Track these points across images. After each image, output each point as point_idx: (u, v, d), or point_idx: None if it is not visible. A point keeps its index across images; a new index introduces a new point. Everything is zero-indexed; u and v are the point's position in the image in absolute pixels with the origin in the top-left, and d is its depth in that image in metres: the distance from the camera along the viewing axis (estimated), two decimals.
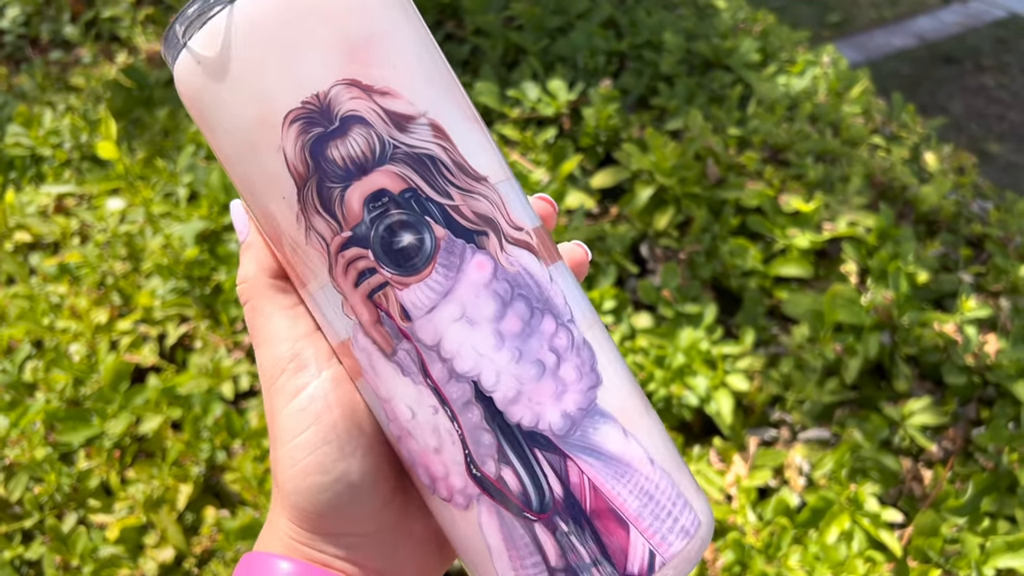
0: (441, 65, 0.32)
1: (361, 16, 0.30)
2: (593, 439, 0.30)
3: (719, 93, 1.43)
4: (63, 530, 0.90)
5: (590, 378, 0.31)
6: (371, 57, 0.30)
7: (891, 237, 1.12)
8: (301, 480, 0.31)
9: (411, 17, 0.32)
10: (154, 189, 1.22)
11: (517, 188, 0.32)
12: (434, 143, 0.30)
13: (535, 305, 0.30)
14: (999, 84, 3.07)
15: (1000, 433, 0.92)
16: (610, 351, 0.32)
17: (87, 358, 1.04)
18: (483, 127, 0.33)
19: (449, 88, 0.31)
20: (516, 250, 0.31)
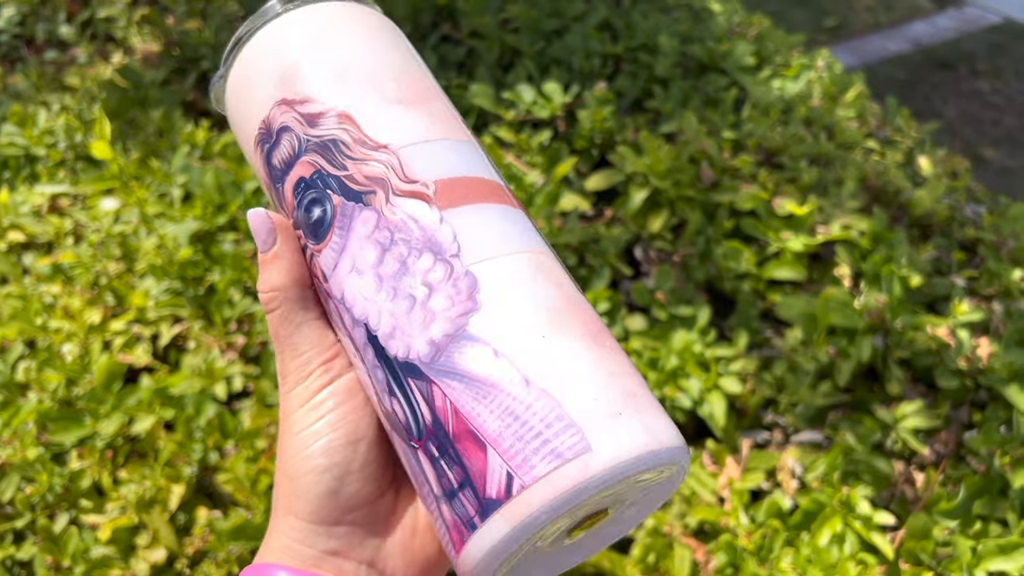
0: (372, 62, 0.37)
1: (289, 48, 0.37)
2: (458, 363, 0.31)
3: (714, 96, 1.43)
4: (55, 530, 0.90)
5: (464, 305, 0.31)
6: (297, 77, 0.36)
7: (884, 240, 1.12)
8: (306, 463, 0.32)
9: (343, 32, 0.38)
10: (148, 189, 1.22)
11: (447, 147, 0.35)
12: (338, 128, 0.35)
13: (414, 246, 0.33)
14: (994, 89, 3.07)
15: (992, 436, 0.93)
16: (515, 282, 0.32)
17: (80, 358, 1.04)
18: (413, 102, 0.36)
19: (372, 79, 0.37)
20: (402, 200, 0.33)
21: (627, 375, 0.32)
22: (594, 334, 0.32)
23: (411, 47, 0.41)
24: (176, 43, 1.64)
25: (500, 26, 1.57)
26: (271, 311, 0.34)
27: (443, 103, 0.38)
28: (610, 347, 0.32)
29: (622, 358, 0.33)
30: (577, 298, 0.33)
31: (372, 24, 0.39)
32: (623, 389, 0.31)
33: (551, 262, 0.34)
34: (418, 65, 0.40)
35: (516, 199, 0.37)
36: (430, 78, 0.40)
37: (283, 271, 0.34)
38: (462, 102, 1.36)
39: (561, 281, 0.34)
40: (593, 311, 0.34)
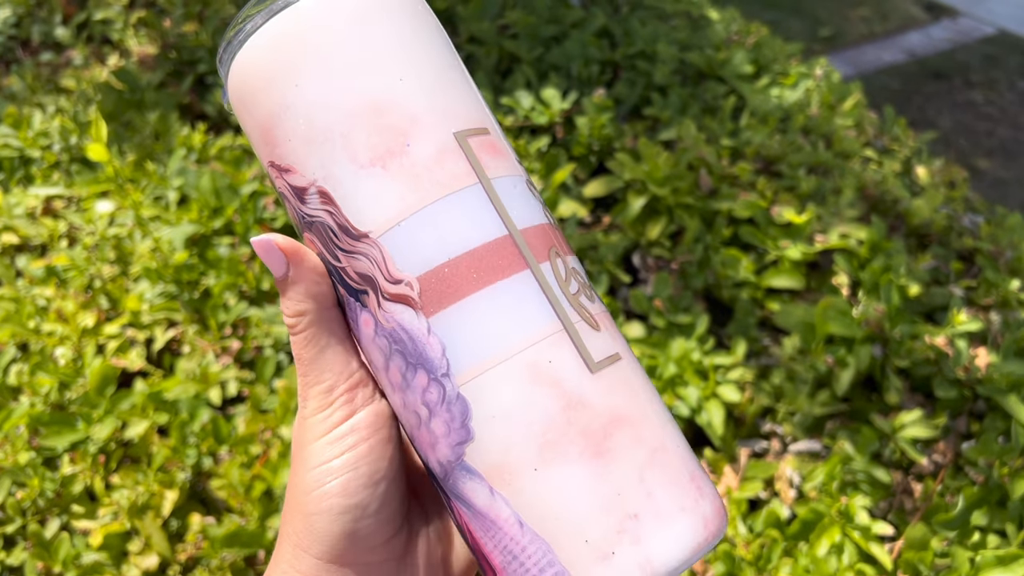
0: (349, 98, 0.32)
1: (261, 99, 0.33)
2: (462, 491, 0.31)
3: (712, 104, 1.43)
4: (46, 536, 0.89)
5: (459, 433, 0.30)
6: (274, 136, 0.33)
7: (883, 250, 1.12)
8: (322, 501, 0.31)
9: (312, 55, 0.32)
10: (144, 192, 1.21)
11: (429, 218, 0.31)
12: (323, 210, 0.32)
13: (409, 360, 0.31)
14: (988, 100, 3.09)
15: (990, 447, 0.92)
16: (497, 403, 0.30)
17: (73, 362, 1.03)
18: (391, 154, 0.31)
19: (345, 132, 0.32)
20: (392, 306, 0.31)
21: (632, 486, 0.29)
22: (598, 442, 0.30)
23: (420, 19, 0.34)
24: (173, 46, 1.64)
25: (498, 32, 1.57)
26: (296, 334, 0.33)
27: (439, 111, 0.33)
28: (617, 447, 0.30)
29: (631, 455, 0.30)
30: (581, 387, 0.30)
31: (355, 19, 0.32)
32: (623, 514, 0.29)
33: (551, 348, 0.30)
34: (423, 55, 0.33)
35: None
36: (434, 69, 0.33)
37: (302, 294, 0.32)
38: None
39: (562, 373, 0.30)
40: (608, 385, 0.31)
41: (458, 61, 0.35)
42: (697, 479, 0.31)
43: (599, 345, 0.31)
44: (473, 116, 0.33)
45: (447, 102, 0.33)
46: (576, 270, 0.33)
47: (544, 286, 0.31)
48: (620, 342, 0.33)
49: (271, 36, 0.32)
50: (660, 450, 0.30)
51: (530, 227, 0.32)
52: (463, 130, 0.32)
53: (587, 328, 0.31)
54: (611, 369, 0.31)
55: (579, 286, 0.32)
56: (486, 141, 0.33)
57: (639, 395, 0.31)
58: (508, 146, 0.35)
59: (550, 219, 0.34)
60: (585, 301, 0.32)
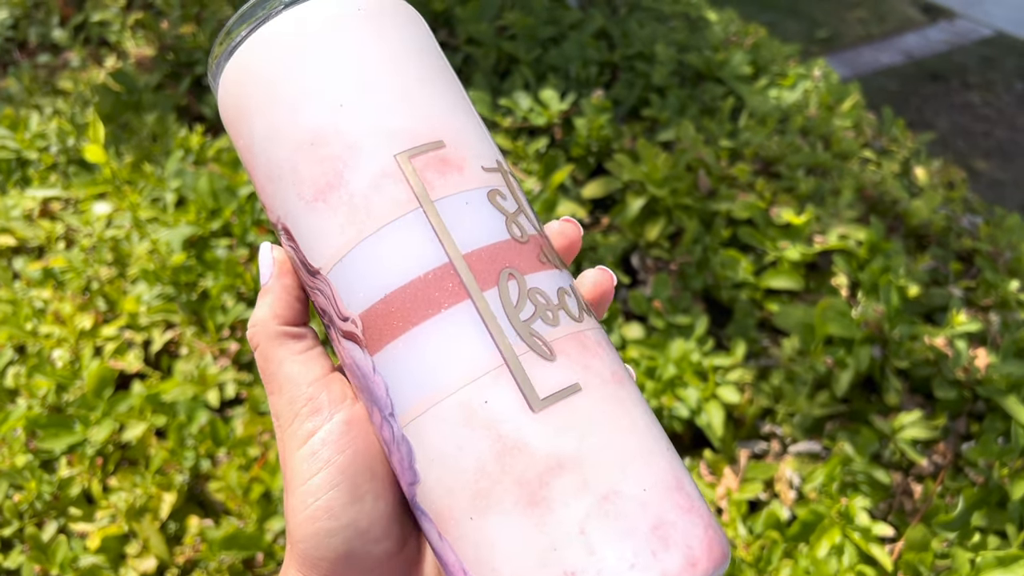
0: (281, 153, 0.31)
1: (234, 135, 0.33)
2: (423, 527, 0.30)
3: (711, 105, 1.43)
4: (43, 539, 0.88)
5: (409, 474, 0.29)
6: (253, 172, 0.33)
7: (882, 250, 1.12)
8: (310, 526, 0.30)
9: (255, 112, 0.32)
10: (141, 194, 1.21)
11: (367, 252, 0.30)
12: (289, 246, 0.32)
13: (366, 397, 0.30)
14: (985, 101, 3.09)
15: (990, 448, 0.92)
16: (433, 446, 0.28)
17: (70, 364, 1.03)
18: (330, 186, 0.30)
19: (287, 176, 0.31)
20: (345, 343, 0.31)
21: (570, 541, 0.27)
22: (532, 491, 0.27)
23: (377, 31, 0.32)
24: (170, 47, 1.64)
25: (497, 33, 1.57)
26: (254, 348, 0.33)
27: (383, 132, 0.31)
28: (554, 496, 0.27)
29: (572, 505, 0.27)
30: (519, 430, 0.28)
31: (299, 46, 0.31)
32: (560, 571, 0.26)
33: (489, 386, 0.28)
34: (374, 73, 0.31)
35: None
36: (386, 86, 0.31)
37: (266, 306, 0.33)
38: None
39: (498, 415, 0.28)
40: (546, 427, 0.28)
41: (427, 69, 0.33)
42: (663, 527, 0.27)
43: (550, 378, 0.28)
44: (425, 130, 0.31)
45: (395, 121, 0.31)
46: (539, 290, 0.30)
47: (485, 316, 0.29)
48: (595, 366, 0.30)
49: (232, 74, 0.32)
50: (610, 497, 0.27)
51: (479, 248, 0.30)
52: (408, 149, 0.30)
53: (536, 359, 0.28)
54: (561, 405, 0.28)
55: (537, 309, 0.29)
56: (436, 157, 0.31)
57: (598, 432, 0.28)
58: (478, 151, 0.32)
59: (520, 229, 0.31)
60: (540, 327, 0.29)
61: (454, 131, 0.32)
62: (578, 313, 0.31)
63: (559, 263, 0.33)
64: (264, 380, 0.33)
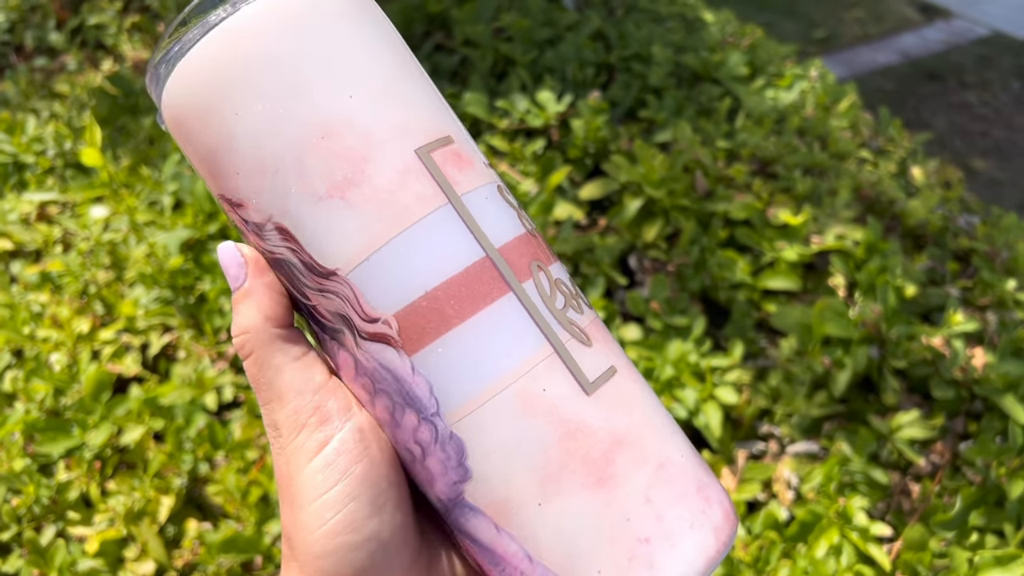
0: (279, 146, 0.29)
1: (200, 128, 0.30)
2: (466, 527, 0.30)
3: (707, 106, 1.43)
4: (41, 543, 0.88)
5: (456, 472, 0.29)
6: (220, 168, 0.30)
7: (879, 250, 1.12)
8: (330, 541, 0.28)
9: (243, 102, 0.29)
10: (138, 197, 1.21)
11: (400, 250, 0.29)
12: (284, 247, 0.30)
13: (396, 399, 0.29)
14: (982, 101, 3.09)
15: (988, 447, 0.92)
16: (492, 439, 0.28)
17: (68, 368, 1.03)
18: (350, 183, 0.29)
19: (296, 161, 0.29)
20: (371, 345, 0.29)
21: (639, 510, 0.28)
22: (600, 468, 0.28)
23: (368, 25, 0.31)
24: None
25: (494, 35, 1.57)
26: (246, 356, 0.30)
27: (397, 126, 0.30)
28: (620, 472, 0.28)
29: (635, 477, 0.29)
30: (578, 413, 0.29)
31: (293, 33, 0.29)
32: (633, 540, 0.28)
33: (544, 374, 0.29)
34: (374, 65, 0.30)
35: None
36: (386, 80, 0.30)
37: (254, 309, 0.30)
38: (455, 111, 1.35)
39: (558, 400, 0.29)
40: (605, 404, 0.29)
41: (413, 65, 0.32)
42: (704, 488, 0.30)
43: (593, 362, 0.30)
44: (435, 126, 0.30)
45: (405, 115, 0.30)
46: (560, 280, 0.31)
47: (530, 308, 0.29)
48: (614, 351, 0.31)
49: (203, 60, 0.29)
50: (664, 465, 0.29)
51: (508, 242, 0.30)
52: (425, 144, 0.30)
53: (578, 346, 0.30)
54: (608, 386, 0.30)
55: (565, 298, 0.30)
56: (451, 152, 0.30)
57: (639, 408, 0.30)
58: (474, 148, 0.32)
59: (527, 224, 0.32)
60: (573, 315, 0.30)
61: (455, 127, 0.32)
62: (587, 301, 0.32)
63: (555, 255, 0.33)
64: (258, 389, 0.31)
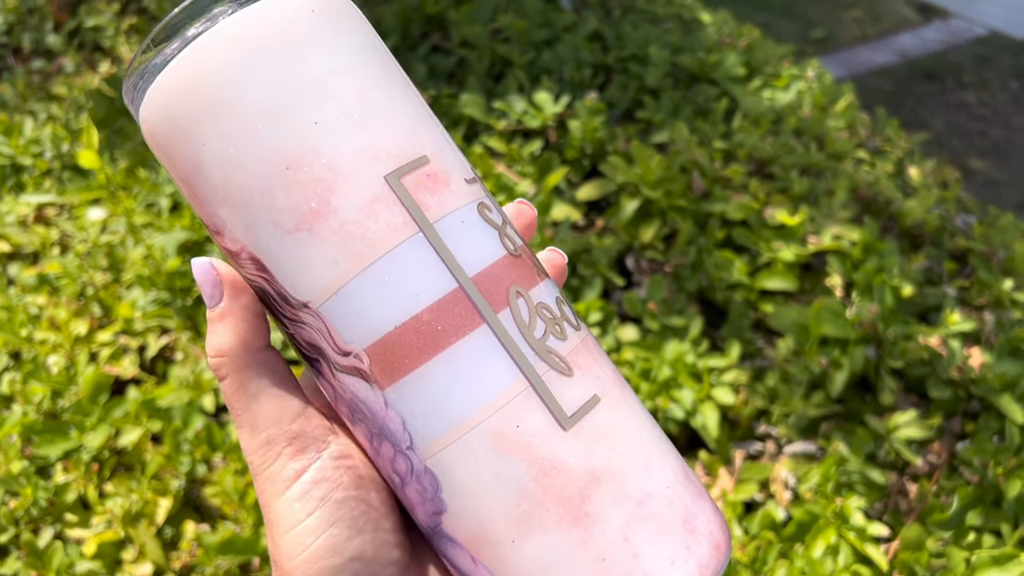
0: (245, 178, 0.28)
1: (173, 154, 0.29)
2: (447, 554, 0.30)
3: (704, 106, 1.43)
4: (39, 545, 0.88)
5: (433, 504, 0.29)
6: (196, 194, 0.29)
7: (876, 251, 1.12)
8: (312, 566, 0.28)
9: (207, 132, 0.28)
10: (136, 199, 1.21)
11: (369, 282, 0.28)
12: (259, 277, 0.29)
13: (372, 430, 0.29)
14: (980, 101, 3.10)
15: (985, 447, 0.92)
16: (465, 476, 0.28)
17: (66, 370, 1.03)
18: (317, 215, 0.28)
19: (256, 204, 0.28)
20: (345, 378, 0.29)
21: (616, 549, 0.27)
22: (575, 507, 0.27)
23: (337, 36, 0.29)
24: None
25: (491, 36, 1.57)
26: (221, 379, 0.29)
27: (366, 152, 0.28)
28: (596, 510, 0.27)
29: (613, 515, 0.28)
30: (553, 449, 0.28)
31: (253, 56, 0.27)
32: None
33: (518, 410, 0.28)
34: (342, 83, 0.28)
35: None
36: (357, 99, 0.28)
37: (229, 332, 0.29)
38: (452, 112, 1.35)
39: (532, 438, 0.28)
40: (577, 443, 0.28)
41: (391, 76, 0.30)
42: (691, 519, 0.29)
43: (572, 394, 0.28)
44: (409, 145, 0.29)
45: (376, 138, 0.28)
46: (543, 304, 0.29)
47: (504, 340, 0.28)
48: (601, 374, 0.30)
49: (170, 87, 0.28)
50: (645, 501, 0.28)
51: (485, 268, 0.28)
52: (396, 169, 0.28)
53: (557, 377, 0.28)
54: (588, 418, 0.28)
55: (547, 325, 0.29)
56: (425, 174, 0.29)
57: (621, 440, 0.29)
58: (455, 163, 0.30)
59: (511, 244, 0.30)
60: (554, 343, 0.29)
61: (433, 143, 0.30)
62: (575, 320, 0.30)
63: (544, 271, 0.31)
64: (234, 414, 0.30)
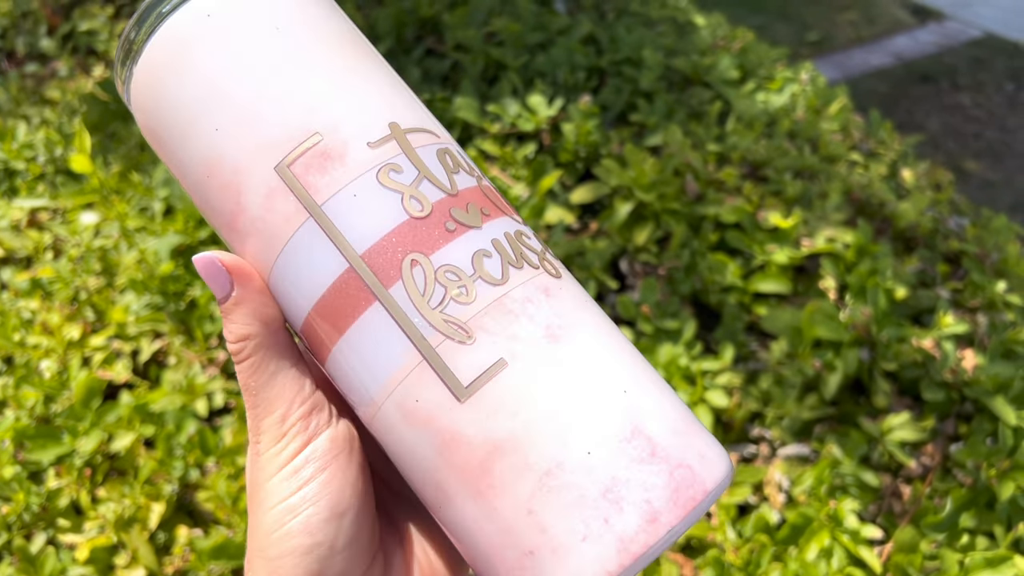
0: (188, 188, 0.31)
1: (144, 122, 0.31)
2: None
3: (698, 109, 1.43)
4: (31, 550, 0.88)
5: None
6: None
7: (869, 253, 1.12)
8: (285, 543, 0.29)
9: (159, 146, 0.30)
10: (129, 203, 1.21)
11: (279, 281, 0.31)
12: None
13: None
14: (975, 103, 3.10)
15: (978, 449, 0.92)
16: (394, 445, 0.30)
17: (58, 374, 1.02)
18: (232, 227, 0.30)
19: (204, 210, 0.31)
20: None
21: (520, 523, 0.27)
22: (476, 479, 0.27)
23: (240, 30, 0.30)
24: None
25: (485, 39, 1.57)
26: (242, 361, 0.30)
27: (258, 147, 0.29)
28: (498, 483, 0.27)
29: (515, 487, 0.27)
30: (452, 422, 0.27)
31: (173, 69, 0.29)
32: (519, 552, 0.27)
33: (416, 384, 0.28)
34: (236, 84, 0.29)
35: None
36: (248, 97, 0.29)
37: (249, 316, 0.30)
38: (446, 115, 1.35)
39: (431, 410, 0.28)
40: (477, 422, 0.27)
41: (292, 44, 0.30)
42: (615, 488, 0.26)
43: (471, 362, 0.27)
44: (300, 128, 0.29)
45: (266, 130, 0.29)
46: (447, 267, 0.28)
47: (396, 315, 0.28)
48: (522, 331, 0.28)
49: (135, 103, 0.31)
50: (553, 472, 0.26)
51: (376, 243, 0.28)
52: (286, 156, 0.29)
53: (453, 347, 0.27)
54: (488, 387, 0.27)
55: (446, 290, 0.28)
56: (316, 153, 0.29)
57: (529, 405, 0.27)
58: (357, 129, 0.29)
59: (417, 205, 0.29)
60: (454, 309, 0.28)
61: (331, 115, 0.29)
62: (501, 272, 0.28)
63: (478, 218, 0.29)
64: (247, 394, 0.31)
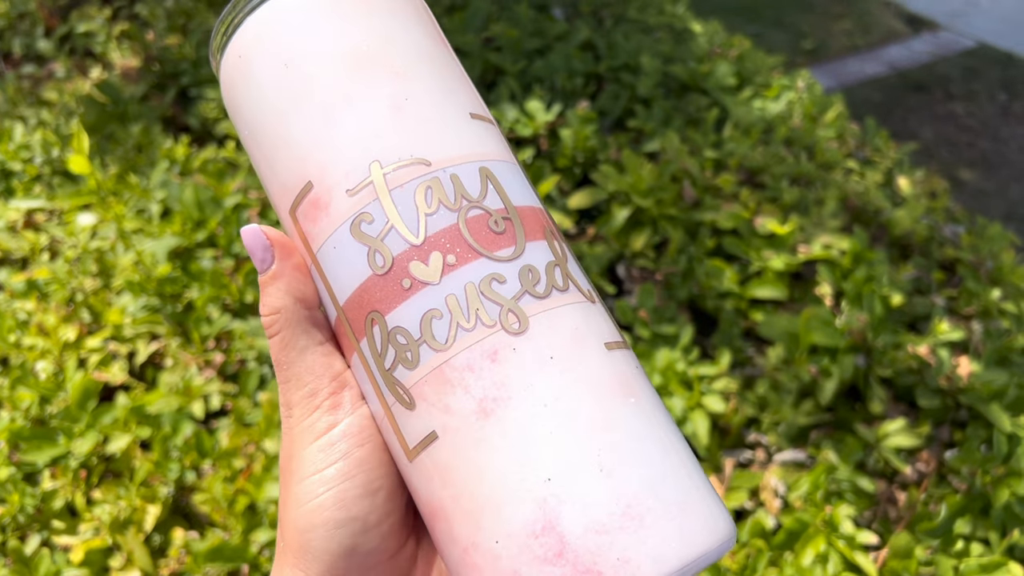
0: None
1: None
2: None
3: (695, 116, 1.44)
4: (26, 552, 0.87)
5: None
6: None
7: (865, 260, 1.12)
8: (317, 515, 0.29)
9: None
10: (126, 205, 1.21)
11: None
12: None
13: None
14: (968, 112, 3.12)
15: (973, 455, 0.93)
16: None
17: (54, 376, 1.02)
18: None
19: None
20: None
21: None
22: (430, 528, 0.29)
23: (249, 96, 0.32)
24: (156, 58, 1.63)
25: (483, 45, 1.57)
26: (272, 335, 0.31)
27: (276, 191, 0.31)
28: (437, 541, 0.29)
29: (448, 551, 0.28)
30: (407, 474, 0.29)
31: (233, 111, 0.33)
32: None
33: (385, 428, 0.30)
34: (251, 135, 0.32)
35: None
36: (263, 145, 0.31)
37: (283, 290, 0.30)
38: None
39: (396, 457, 0.30)
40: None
41: (295, 100, 0.30)
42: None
43: (414, 427, 0.28)
44: (298, 175, 0.30)
45: (278, 178, 0.31)
46: (398, 329, 0.28)
47: (367, 369, 0.29)
48: (457, 404, 0.27)
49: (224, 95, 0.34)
50: (469, 551, 0.27)
51: (350, 296, 0.29)
52: (292, 203, 0.31)
53: (402, 410, 0.28)
54: (425, 455, 0.28)
55: (397, 353, 0.28)
56: (310, 201, 0.30)
57: (454, 481, 0.27)
58: (340, 176, 0.29)
59: (378, 261, 0.28)
60: (402, 372, 0.28)
61: (318, 162, 0.30)
62: (447, 336, 0.27)
63: (438, 272, 0.28)
64: (279, 368, 0.31)
